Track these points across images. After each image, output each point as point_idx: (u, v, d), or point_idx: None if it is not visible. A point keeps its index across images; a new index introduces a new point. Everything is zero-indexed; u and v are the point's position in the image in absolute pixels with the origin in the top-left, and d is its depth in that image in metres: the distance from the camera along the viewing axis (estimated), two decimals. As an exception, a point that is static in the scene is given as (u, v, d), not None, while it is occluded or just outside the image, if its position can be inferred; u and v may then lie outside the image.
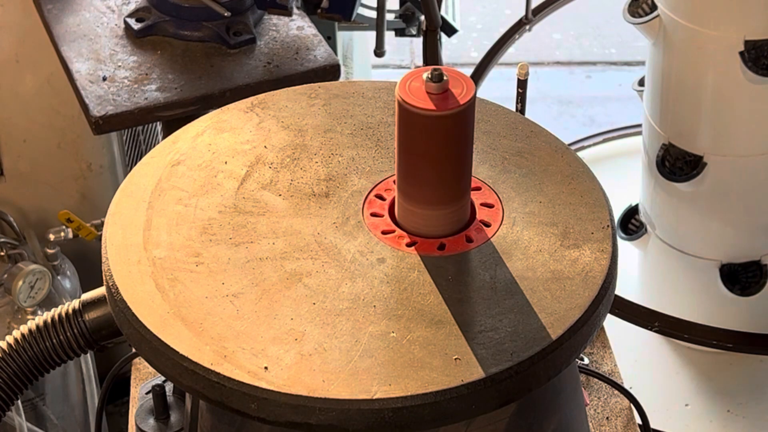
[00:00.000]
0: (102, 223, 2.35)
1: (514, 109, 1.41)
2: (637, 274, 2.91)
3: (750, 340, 2.52)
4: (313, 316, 1.01)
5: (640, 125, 2.90)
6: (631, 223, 2.92)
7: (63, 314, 1.16)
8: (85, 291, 1.20)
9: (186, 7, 1.96)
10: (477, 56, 3.69)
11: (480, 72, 3.09)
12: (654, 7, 2.51)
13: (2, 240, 2.31)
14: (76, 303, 1.16)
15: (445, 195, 1.08)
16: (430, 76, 1.03)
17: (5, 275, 2.25)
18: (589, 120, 4.15)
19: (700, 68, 2.46)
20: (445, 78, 1.03)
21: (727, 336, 2.48)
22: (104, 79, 1.88)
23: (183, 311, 1.02)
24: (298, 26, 2.01)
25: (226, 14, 1.95)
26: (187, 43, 1.96)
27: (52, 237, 2.37)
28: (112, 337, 1.16)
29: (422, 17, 2.34)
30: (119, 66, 1.91)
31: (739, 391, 2.73)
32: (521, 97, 1.63)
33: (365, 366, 0.97)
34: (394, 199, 1.12)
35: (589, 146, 3.37)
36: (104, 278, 1.08)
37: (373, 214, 1.12)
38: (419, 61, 3.46)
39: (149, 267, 1.06)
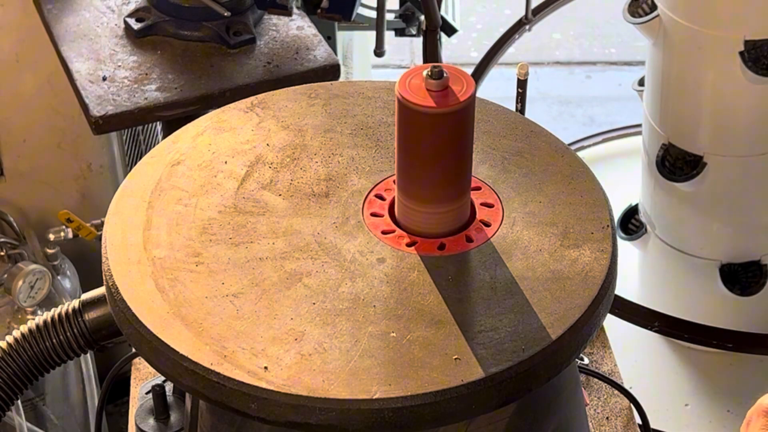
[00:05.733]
0: (102, 223, 2.35)
1: (514, 109, 1.41)
2: (637, 274, 2.91)
3: (750, 340, 2.52)
4: (313, 316, 1.01)
5: (640, 125, 2.89)
6: (631, 223, 2.92)
7: (63, 314, 1.16)
8: (85, 291, 1.20)
9: (186, 7, 1.96)
10: (477, 56, 3.68)
11: (480, 72, 3.09)
12: (654, 7, 2.51)
13: (2, 240, 2.31)
14: (76, 303, 1.16)
15: (446, 193, 1.08)
16: (430, 73, 1.03)
17: (5, 275, 2.25)
18: (589, 120, 4.15)
19: (700, 68, 2.46)
20: (445, 75, 1.03)
21: (727, 336, 2.48)
22: (104, 79, 1.88)
23: (183, 311, 1.02)
24: (298, 26, 2.01)
25: (226, 14, 1.95)
26: (187, 43, 1.96)
27: (52, 237, 2.37)
28: (112, 337, 1.16)
29: (422, 17, 2.34)
30: (119, 66, 1.91)
31: (739, 391, 2.73)
32: (521, 97, 1.63)
33: (365, 366, 0.97)
34: (394, 198, 1.12)
35: (589, 146, 3.37)
36: (104, 278, 1.08)
37: (373, 214, 1.12)
38: (419, 61, 3.46)
39: (149, 267, 1.06)
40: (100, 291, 1.15)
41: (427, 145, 1.05)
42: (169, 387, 1.36)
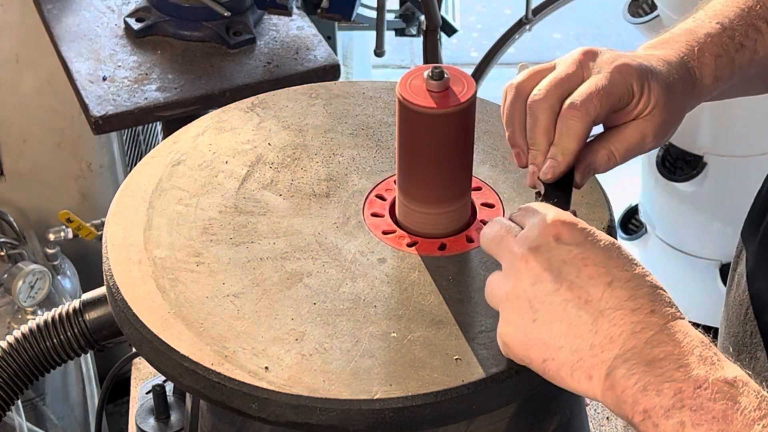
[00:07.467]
0: (102, 223, 2.35)
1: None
2: (637, 274, 2.90)
3: (750, 341, 2.51)
4: (314, 316, 1.01)
5: (640, 125, 2.89)
6: (631, 223, 2.92)
7: (63, 314, 1.16)
8: (85, 291, 1.20)
9: (186, 7, 1.96)
10: (477, 56, 3.68)
11: (480, 72, 3.09)
12: (654, 7, 2.51)
13: (2, 240, 2.31)
14: (76, 303, 1.16)
15: (446, 193, 1.08)
16: (430, 73, 1.03)
17: (5, 275, 2.25)
18: (589, 120, 4.14)
19: (700, 68, 2.46)
20: (446, 76, 1.03)
21: (727, 336, 2.48)
22: (104, 79, 1.88)
23: (184, 311, 1.02)
24: (298, 26, 2.01)
25: (226, 14, 1.95)
26: (187, 43, 1.96)
27: (52, 237, 2.37)
28: (113, 337, 1.16)
29: (422, 17, 2.34)
30: (119, 66, 1.91)
31: (739, 391, 2.72)
32: (521, 97, 1.62)
33: (366, 366, 0.97)
34: (394, 199, 1.12)
35: (589, 146, 3.36)
36: (105, 278, 1.08)
37: (374, 214, 1.12)
38: (419, 61, 3.46)
39: (150, 267, 1.06)
40: (101, 291, 1.15)
41: (427, 146, 1.05)
42: (169, 387, 1.36)
